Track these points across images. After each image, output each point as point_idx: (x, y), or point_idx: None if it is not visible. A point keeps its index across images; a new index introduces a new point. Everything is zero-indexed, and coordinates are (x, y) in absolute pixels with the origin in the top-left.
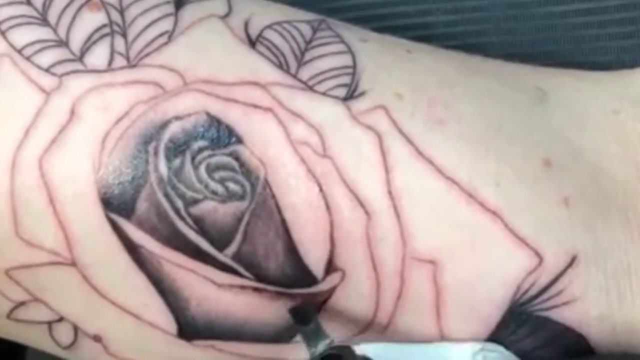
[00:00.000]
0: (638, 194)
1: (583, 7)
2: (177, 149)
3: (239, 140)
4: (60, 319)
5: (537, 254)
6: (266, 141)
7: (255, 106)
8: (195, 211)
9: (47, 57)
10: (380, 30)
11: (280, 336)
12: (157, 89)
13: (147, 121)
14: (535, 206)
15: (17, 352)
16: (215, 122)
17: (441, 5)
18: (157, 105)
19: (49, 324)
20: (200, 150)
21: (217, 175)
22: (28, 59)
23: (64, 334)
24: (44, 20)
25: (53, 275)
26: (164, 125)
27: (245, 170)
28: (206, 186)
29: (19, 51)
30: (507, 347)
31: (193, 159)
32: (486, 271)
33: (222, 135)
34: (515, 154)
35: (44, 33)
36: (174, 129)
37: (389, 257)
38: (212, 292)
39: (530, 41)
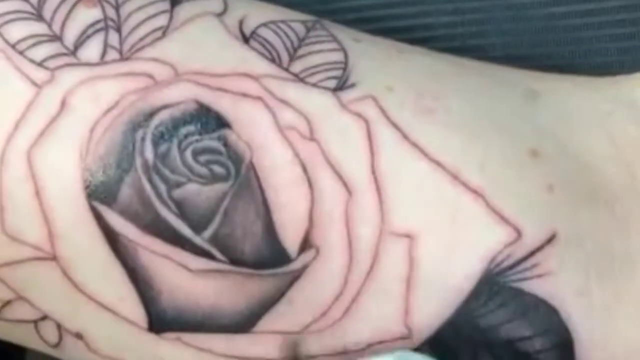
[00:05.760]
0: (627, 189)
1: (583, 9)
2: (164, 134)
3: (227, 126)
4: (44, 318)
5: (516, 229)
6: (254, 126)
7: (245, 95)
8: (177, 194)
9: (41, 51)
10: (380, 31)
11: (244, 325)
12: (149, 80)
13: (136, 110)
14: (519, 189)
15: (17, 352)
16: (204, 109)
17: (441, 7)
18: (147, 95)
19: (35, 322)
20: (188, 135)
21: (203, 158)
22: (21, 53)
23: (50, 332)
24: (38, 16)
25: (35, 272)
26: (152, 113)
27: (232, 153)
28: (190, 169)
29: (13, 46)
30: (475, 319)
31: (180, 143)
32: (463, 244)
33: (210, 121)
34: (502, 143)
35: (38, 28)
36: (163, 116)
37: (366, 233)
38: (184, 279)
39: (530, 42)
